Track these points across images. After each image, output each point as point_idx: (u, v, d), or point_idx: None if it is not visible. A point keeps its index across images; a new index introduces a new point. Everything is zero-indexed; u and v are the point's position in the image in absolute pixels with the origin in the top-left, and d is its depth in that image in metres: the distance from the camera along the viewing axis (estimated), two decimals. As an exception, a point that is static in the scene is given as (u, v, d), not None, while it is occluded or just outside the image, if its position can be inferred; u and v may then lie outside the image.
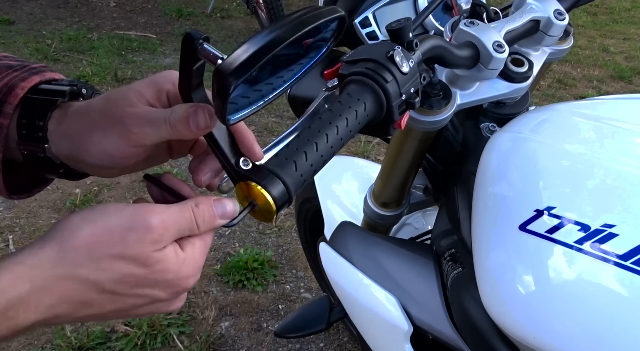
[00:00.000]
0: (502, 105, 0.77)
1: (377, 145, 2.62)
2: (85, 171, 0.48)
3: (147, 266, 0.38)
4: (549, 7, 0.70)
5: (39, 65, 0.48)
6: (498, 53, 0.63)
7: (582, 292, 0.56)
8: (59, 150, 0.45)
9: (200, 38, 0.38)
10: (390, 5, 0.81)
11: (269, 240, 2.03)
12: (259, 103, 0.44)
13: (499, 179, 0.66)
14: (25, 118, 0.45)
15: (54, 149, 0.45)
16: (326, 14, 0.42)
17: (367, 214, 1.03)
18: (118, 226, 0.38)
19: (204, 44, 0.38)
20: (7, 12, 3.90)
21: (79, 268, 0.37)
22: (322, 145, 0.43)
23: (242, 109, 0.42)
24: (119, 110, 0.44)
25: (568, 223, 0.58)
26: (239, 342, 1.64)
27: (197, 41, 0.38)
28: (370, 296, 0.85)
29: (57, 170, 0.48)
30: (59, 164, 0.47)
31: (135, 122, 0.43)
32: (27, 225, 2.00)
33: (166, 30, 3.90)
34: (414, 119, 0.67)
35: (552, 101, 3.22)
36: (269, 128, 2.72)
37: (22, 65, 0.47)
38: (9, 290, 0.35)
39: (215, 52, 0.38)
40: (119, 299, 0.39)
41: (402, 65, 0.49)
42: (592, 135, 0.67)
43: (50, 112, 0.45)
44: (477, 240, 0.66)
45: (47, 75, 0.47)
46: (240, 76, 0.37)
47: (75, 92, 0.48)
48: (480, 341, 0.69)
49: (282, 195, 0.41)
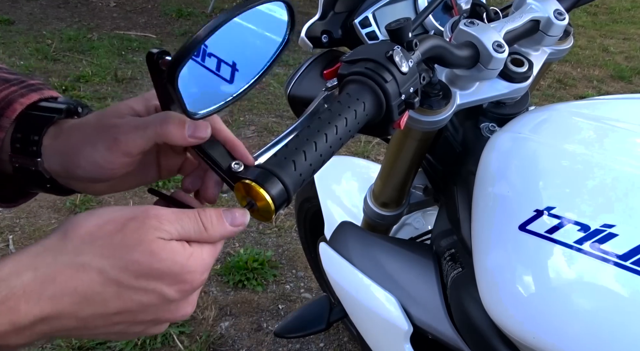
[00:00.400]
0: (502, 105, 0.77)
1: (377, 145, 2.62)
2: (73, 188, 0.49)
3: (152, 254, 0.37)
4: (549, 7, 0.70)
5: (37, 82, 0.50)
6: (498, 53, 0.63)
7: (582, 292, 0.56)
8: (50, 166, 0.47)
9: (159, 53, 0.40)
10: (390, 5, 0.81)
11: (269, 240, 2.03)
12: (228, 99, 0.45)
13: (499, 179, 0.66)
14: (20, 132, 0.46)
15: (46, 164, 0.47)
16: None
17: (367, 214, 1.03)
18: (121, 216, 0.38)
19: (165, 57, 0.40)
20: (7, 12, 3.90)
21: (82, 256, 0.37)
22: (321, 144, 0.43)
23: (208, 106, 0.44)
24: (108, 122, 0.46)
25: (568, 223, 0.58)
26: (239, 342, 1.64)
27: (157, 56, 0.40)
28: (370, 296, 0.85)
29: (44, 185, 0.49)
30: (48, 179, 0.48)
31: (121, 130, 0.44)
32: (27, 225, 2.00)
33: (166, 30, 3.90)
34: (413, 119, 0.67)
35: (552, 101, 3.22)
36: (269, 128, 2.72)
37: (20, 80, 0.49)
38: (11, 278, 0.35)
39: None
40: (124, 293, 0.37)
41: (401, 65, 0.49)
42: (592, 135, 0.67)
43: (47, 127, 0.46)
44: (476, 240, 0.66)
45: (45, 93, 0.49)
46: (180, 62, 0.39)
47: (72, 109, 0.49)
48: (480, 341, 0.69)
49: (281, 195, 0.41)
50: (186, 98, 0.41)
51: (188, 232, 0.40)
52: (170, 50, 0.39)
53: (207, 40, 0.40)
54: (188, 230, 0.40)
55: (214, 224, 0.41)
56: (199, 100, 0.43)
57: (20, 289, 0.34)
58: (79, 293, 0.36)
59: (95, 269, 0.36)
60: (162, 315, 0.40)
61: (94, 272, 0.36)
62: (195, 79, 0.42)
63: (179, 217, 0.40)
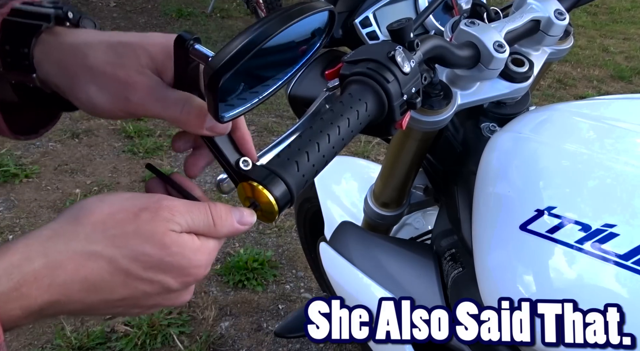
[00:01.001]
0: (503, 105, 0.77)
1: (377, 145, 2.62)
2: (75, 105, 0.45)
3: (163, 247, 0.37)
4: (549, 7, 0.70)
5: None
6: (498, 53, 0.63)
7: (583, 292, 0.56)
8: (48, 79, 0.43)
9: (191, 39, 0.38)
10: (390, 5, 0.81)
11: (269, 240, 2.03)
12: (253, 101, 0.44)
13: (500, 179, 0.67)
14: (8, 44, 0.42)
15: (43, 77, 0.43)
16: (313, 8, 0.42)
17: (367, 214, 1.03)
18: (134, 206, 0.38)
19: (195, 45, 0.39)
20: (7, 12, 3.90)
21: (95, 244, 0.36)
22: (324, 145, 0.43)
23: (236, 107, 0.42)
24: (125, 73, 0.41)
25: (569, 223, 0.58)
26: (239, 342, 1.64)
27: (188, 42, 0.38)
28: (370, 296, 0.85)
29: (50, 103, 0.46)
30: (50, 94, 0.45)
31: (138, 92, 0.41)
32: (27, 225, 2.00)
33: (166, 30, 3.90)
34: (414, 119, 0.67)
35: (552, 101, 3.22)
36: (269, 128, 2.72)
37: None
38: (23, 265, 0.34)
39: (205, 52, 0.39)
40: (131, 283, 0.38)
41: (403, 65, 0.49)
42: (593, 135, 0.67)
43: (35, 38, 0.42)
44: (477, 240, 0.66)
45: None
46: (227, 70, 0.37)
47: (60, 15, 0.44)
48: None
49: (284, 196, 0.41)
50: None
51: (198, 225, 0.40)
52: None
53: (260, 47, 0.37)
54: (198, 223, 0.40)
55: (223, 220, 0.41)
56: (227, 102, 0.41)
57: (32, 275, 0.34)
58: (89, 281, 0.36)
59: (106, 258, 0.36)
60: (161, 302, 0.41)
61: (104, 261, 0.36)
62: (228, 82, 0.40)
63: (189, 209, 0.39)
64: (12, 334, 1.61)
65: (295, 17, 0.40)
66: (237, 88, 0.42)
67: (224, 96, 0.39)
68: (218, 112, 0.39)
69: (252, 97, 0.44)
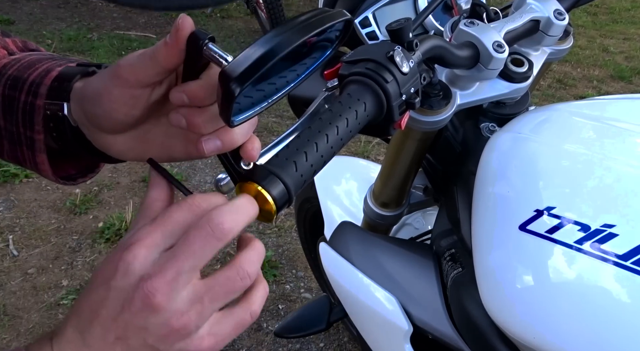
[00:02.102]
0: (502, 105, 0.77)
1: (377, 145, 2.62)
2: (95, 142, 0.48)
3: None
4: (549, 7, 0.70)
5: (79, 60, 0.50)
6: (498, 53, 0.63)
7: (582, 292, 0.56)
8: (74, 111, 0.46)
9: (206, 38, 0.38)
10: (390, 5, 0.81)
11: (269, 240, 2.03)
12: (263, 104, 0.43)
13: (499, 179, 0.67)
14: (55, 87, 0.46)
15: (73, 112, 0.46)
16: (333, 18, 0.42)
17: (367, 214, 1.03)
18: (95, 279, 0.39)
19: (209, 44, 0.38)
20: (7, 12, 3.90)
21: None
22: (323, 145, 0.43)
23: (245, 111, 0.41)
24: (118, 63, 0.43)
25: (568, 223, 0.58)
26: (239, 342, 1.64)
27: (202, 41, 0.38)
28: (370, 296, 0.85)
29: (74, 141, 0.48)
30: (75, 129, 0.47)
31: (125, 64, 0.42)
32: (27, 225, 2.00)
33: (166, 30, 3.90)
34: (414, 119, 0.67)
35: (552, 101, 3.22)
36: (269, 128, 2.72)
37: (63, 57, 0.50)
38: None
39: (220, 53, 0.38)
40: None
41: (402, 65, 0.49)
42: (592, 135, 0.67)
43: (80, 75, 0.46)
44: (477, 240, 0.66)
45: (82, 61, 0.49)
46: (246, 80, 0.36)
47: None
48: (480, 341, 0.69)
49: (282, 196, 0.41)
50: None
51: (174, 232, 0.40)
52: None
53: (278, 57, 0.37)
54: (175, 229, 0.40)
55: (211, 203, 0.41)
56: (237, 104, 0.40)
57: None
58: None
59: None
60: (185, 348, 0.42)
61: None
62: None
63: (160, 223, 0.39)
64: (11, 335, 1.61)
65: (315, 28, 0.40)
66: (248, 93, 0.41)
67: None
68: (230, 118, 0.38)
69: (261, 101, 0.43)
